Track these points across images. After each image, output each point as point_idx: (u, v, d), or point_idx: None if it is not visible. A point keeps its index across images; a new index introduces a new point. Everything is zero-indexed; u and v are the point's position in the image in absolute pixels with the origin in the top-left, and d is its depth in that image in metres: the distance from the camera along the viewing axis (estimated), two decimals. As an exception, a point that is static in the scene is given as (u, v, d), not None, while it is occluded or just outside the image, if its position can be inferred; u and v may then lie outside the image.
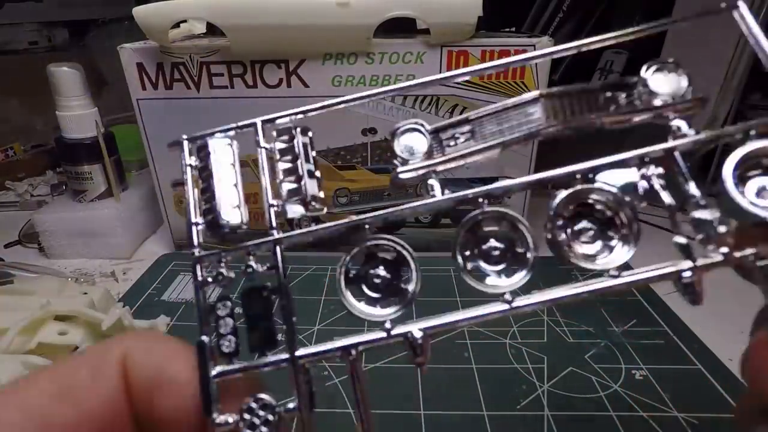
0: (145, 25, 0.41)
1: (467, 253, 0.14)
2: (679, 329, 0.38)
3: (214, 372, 0.13)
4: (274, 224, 0.14)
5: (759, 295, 0.14)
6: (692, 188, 0.13)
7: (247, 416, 0.13)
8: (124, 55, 0.44)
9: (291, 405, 0.13)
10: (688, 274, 0.12)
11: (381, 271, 0.14)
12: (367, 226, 0.14)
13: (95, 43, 0.82)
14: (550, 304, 0.13)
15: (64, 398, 0.13)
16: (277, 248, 0.14)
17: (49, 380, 0.13)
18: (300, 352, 0.13)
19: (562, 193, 0.13)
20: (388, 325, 0.13)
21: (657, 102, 0.14)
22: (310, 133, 0.15)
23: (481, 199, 0.14)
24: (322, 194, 0.14)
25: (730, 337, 0.37)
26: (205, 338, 0.13)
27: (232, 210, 0.14)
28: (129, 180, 0.56)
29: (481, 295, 0.14)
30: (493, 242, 0.14)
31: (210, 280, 0.14)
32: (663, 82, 0.14)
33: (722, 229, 0.12)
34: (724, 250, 0.12)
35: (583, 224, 0.13)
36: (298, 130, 0.15)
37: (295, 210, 0.14)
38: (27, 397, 0.13)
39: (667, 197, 0.13)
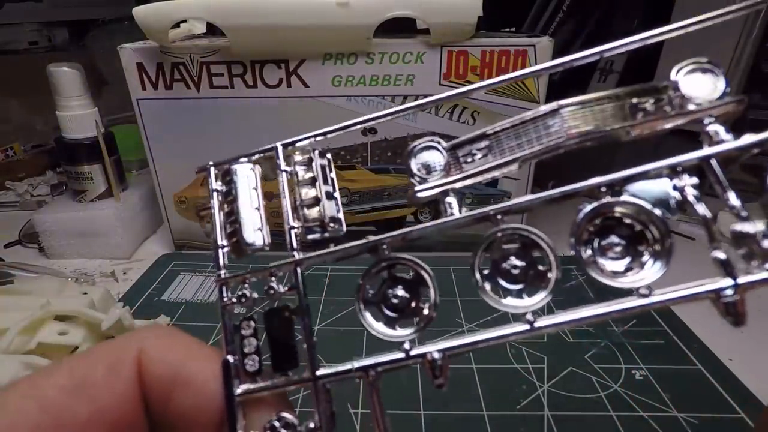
0: (145, 25, 0.41)
1: (485, 271, 0.13)
2: (679, 329, 0.38)
3: (238, 390, 0.14)
4: (294, 246, 0.14)
5: (759, 296, 0.13)
6: (732, 199, 0.12)
7: None
8: (124, 55, 0.44)
9: (312, 425, 0.13)
10: (729, 292, 0.11)
11: (399, 290, 0.14)
12: (384, 246, 0.14)
13: (95, 43, 0.82)
14: (574, 325, 0.12)
15: (78, 394, 0.13)
16: (298, 269, 0.14)
17: (65, 375, 0.14)
18: (320, 372, 0.13)
19: (587, 207, 0.12)
20: (407, 345, 0.13)
21: (691, 106, 0.13)
22: (328, 155, 0.16)
23: (499, 216, 0.13)
24: (341, 215, 0.15)
25: (730, 337, 0.37)
26: (230, 357, 0.14)
27: (254, 232, 0.15)
28: (129, 180, 0.56)
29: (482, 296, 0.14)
30: (512, 260, 0.13)
31: (234, 301, 0.14)
32: (697, 85, 0.13)
33: (767, 243, 0.11)
34: None
35: (611, 239, 0.12)
36: (317, 152, 0.15)
37: (314, 232, 0.14)
38: (44, 390, 0.13)
39: (702, 209, 0.12)
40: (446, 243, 0.50)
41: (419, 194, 0.14)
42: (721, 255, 0.11)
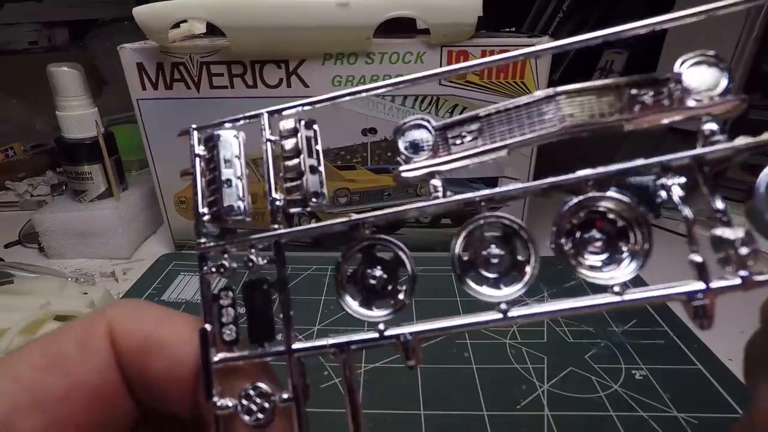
0: (145, 25, 0.41)
1: (465, 258, 0.13)
2: (679, 329, 0.38)
3: (215, 358, 0.14)
4: (276, 219, 0.14)
5: (759, 294, 0.13)
6: (718, 203, 0.12)
7: (245, 402, 0.14)
8: (124, 55, 0.44)
9: (286, 395, 0.14)
10: (700, 296, 0.11)
11: (377, 271, 0.14)
12: (366, 226, 0.14)
13: (95, 43, 0.82)
14: (546, 317, 0.12)
15: (53, 370, 0.14)
16: (278, 243, 0.14)
17: (38, 354, 0.14)
18: (296, 345, 0.14)
19: (572, 201, 0.12)
20: (381, 326, 0.13)
21: (690, 102, 0.12)
22: (315, 126, 0.15)
23: (483, 203, 0.13)
24: (324, 190, 0.14)
25: (730, 337, 0.36)
26: (207, 326, 0.14)
27: (235, 202, 0.14)
28: (129, 180, 0.56)
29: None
30: (493, 249, 0.13)
31: (213, 270, 0.14)
32: (700, 78, 0.12)
33: (744, 250, 0.11)
34: (744, 273, 0.11)
35: (592, 233, 0.12)
36: (302, 123, 0.15)
37: (295, 206, 0.14)
38: (20, 369, 0.14)
39: (686, 210, 0.12)
40: (446, 243, 0.50)
41: (404, 174, 0.14)
42: (697, 258, 0.11)
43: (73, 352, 0.14)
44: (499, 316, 0.13)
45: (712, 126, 0.12)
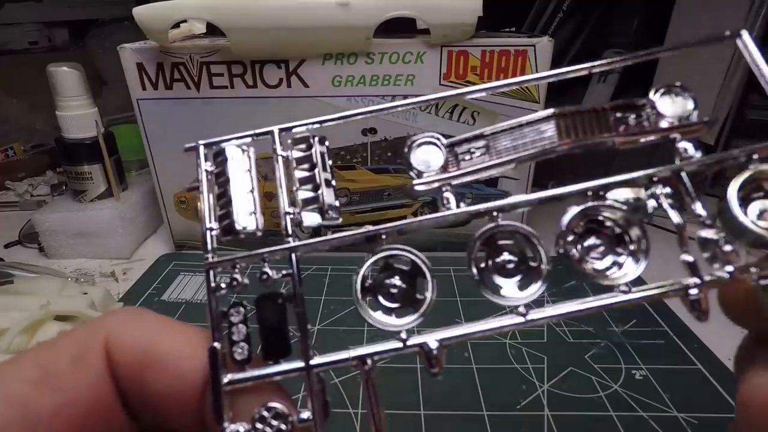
0: (145, 25, 0.41)
1: (482, 265, 0.14)
2: (679, 329, 0.38)
3: (225, 379, 0.13)
4: (290, 232, 0.14)
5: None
6: (699, 208, 0.13)
7: (259, 425, 0.13)
8: (124, 55, 0.44)
9: (304, 415, 0.13)
10: (694, 291, 0.13)
11: (397, 280, 0.14)
12: (383, 236, 0.14)
13: (95, 43, 0.82)
14: (562, 318, 0.13)
15: (45, 386, 0.13)
16: (293, 256, 0.14)
17: (31, 367, 0.13)
18: (315, 361, 0.13)
19: (574, 209, 0.14)
20: (403, 335, 0.13)
21: (664, 124, 0.14)
22: (327, 143, 0.15)
23: (495, 213, 0.14)
24: (338, 203, 0.15)
25: (730, 337, 0.37)
26: (217, 345, 0.13)
27: (248, 216, 0.14)
28: (129, 180, 0.56)
29: (481, 296, 0.14)
30: (506, 255, 0.14)
31: (223, 286, 0.14)
32: (670, 105, 0.14)
33: (728, 248, 0.13)
34: (730, 268, 0.13)
35: (593, 240, 0.14)
36: (316, 139, 0.15)
37: (311, 219, 0.14)
38: (9, 384, 0.13)
39: (675, 216, 0.13)
40: (446, 243, 0.50)
41: (417, 188, 0.15)
42: (688, 258, 0.13)
43: (67, 366, 0.13)
44: (520, 319, 0.13)
45: (686, 144, 0.14)
